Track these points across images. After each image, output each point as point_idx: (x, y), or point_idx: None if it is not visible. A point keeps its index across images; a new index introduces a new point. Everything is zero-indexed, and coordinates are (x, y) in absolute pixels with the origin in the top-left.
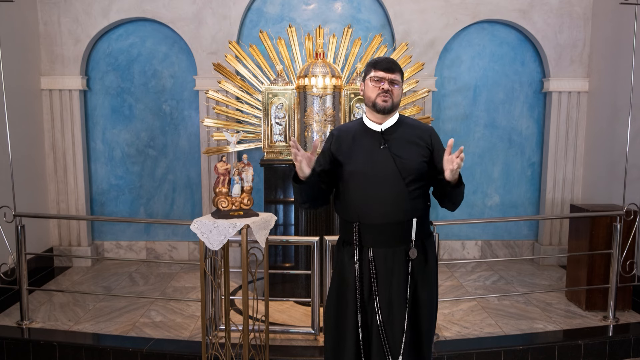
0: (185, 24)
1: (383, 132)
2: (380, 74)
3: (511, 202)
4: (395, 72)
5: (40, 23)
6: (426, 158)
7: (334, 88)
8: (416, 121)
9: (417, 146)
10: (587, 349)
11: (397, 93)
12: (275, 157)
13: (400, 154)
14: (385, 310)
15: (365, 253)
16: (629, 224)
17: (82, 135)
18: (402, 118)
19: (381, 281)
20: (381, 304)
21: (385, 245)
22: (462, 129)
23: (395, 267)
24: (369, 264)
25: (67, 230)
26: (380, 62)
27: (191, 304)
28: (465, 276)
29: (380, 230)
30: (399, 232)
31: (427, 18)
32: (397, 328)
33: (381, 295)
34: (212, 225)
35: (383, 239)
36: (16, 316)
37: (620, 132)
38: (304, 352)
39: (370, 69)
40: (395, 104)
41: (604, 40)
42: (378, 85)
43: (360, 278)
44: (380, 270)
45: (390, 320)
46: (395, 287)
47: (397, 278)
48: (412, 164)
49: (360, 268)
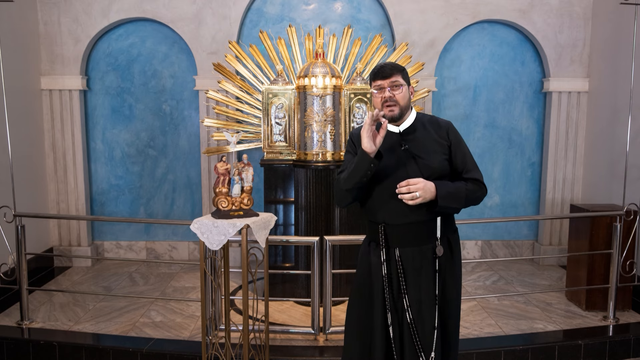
0: (185, 24)
1: (402, 133)
2: (379, 82)
3: (511, 202)
4: (394, 75)
5: (40, 23)
6: (447, 155)
7: (334, 88)
8: (434, 117)
9: (437, 144)
10: (587, 349)
11: (402, 96)
12: (275, 157)
13: (420, 154)
14: (415, 308)
15: (392, 253)
16: (629, 224)
17: (82, 135)
18: (419, 116)
19: (410, 280)
20: (410, 302)
21: (412, 244)
22: (462, 129)
23: (423, 266)
24: (396, 263)
25: (67, 230)
26: (377, 71)
27: (191, 304)
28: (465, 276)
29: (406, 230)
30: (425, 231)
31: (427, 18)
32: (428, 325)
33: (410, 293)
34: (212, 225)
35: (409, 239)
36: (16, 316)
37: (620, 132)
38: (304, 352)
39: (371, 80)
40: (403, 107)
41: (604, 40)
42: (381, 95)
43: (389, 277)
44: (408, 269)
45: (420, 318)
46: (424, 285)
47: (425, 276)
48: (434, 163)
49: (388, 268)
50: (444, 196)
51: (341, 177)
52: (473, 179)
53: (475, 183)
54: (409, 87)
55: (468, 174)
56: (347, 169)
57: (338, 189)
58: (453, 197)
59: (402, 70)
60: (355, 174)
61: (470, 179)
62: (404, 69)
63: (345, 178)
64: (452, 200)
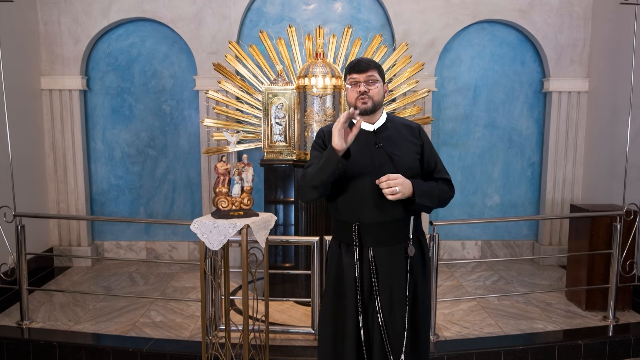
0: (185, 24)
1: (375, 132)
2: (354, 76)
3: (511, 202)
4: (370, 69)
5: (40, 23)
6: (419, 155)
7: (334, 88)
8: (403, 119)
9: (410, 143)
10: (587, 349)
11: (376, 92)
12: (275, 157)
13: (395, 152)
14: (386, 310)
15: (366, 253)
16: (629, 224)
17: (82, 135)
18: (390, 116)
19: (382, 281)
20: (382, 303)
21: (386, 244)
22: (462, 129)
23: (396, 266)
24: (369, 264)
25: (67, 230)
26: (354, 65)
27: (191, 304)
28: (465, 276)
29: (380, 230)
30: (398, 231)
31: (427, 18)
32: (399, 327)
33: (382, 295)
34: (212, 225)
35: (383, 238)
36: (16, 316)
37: (620, 132)
38: (304, 352)
39: (346, 74)
40: (376, 103)
41: (604, 40)
42: (356, 89)
43: (361, 279)
44: (381, 270)
45: (391, 320)
46: (395, 285)
47: (397, 277)
48: (408, 162)
49: (361, 269)
50: (420, 193)
51: (307, 172)
52: (444, 179)
53: (446, 183)
54: (384, 85)
55: (438, 174)
56: (314, 164)
57: (303, 184)
58: (428, 195)
59: (378, 66)
60: (322, 171)
61: (441, 179)
62: (380, 65)
63: (312, 174)
64: (427, 198)
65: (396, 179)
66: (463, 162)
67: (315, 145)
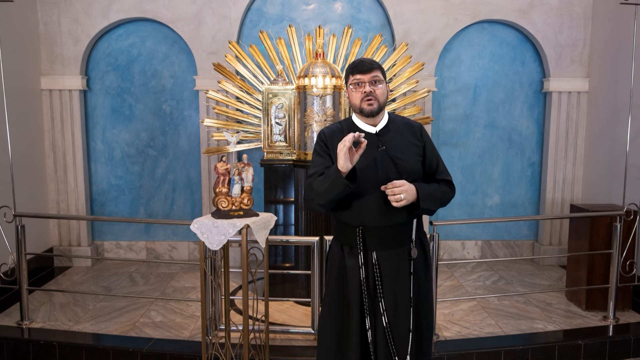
0: (185, 24)
1: (378, 134)
2: (358, 77)
3: (511, 202)
4: (374, 70)
5: (40, 23)
6: (421, 157)
7: (334, 88)
8: (405, 118)
9: (413, 145)
10: (587, 349)
11: (381, 92)
12: (275, 157)
13: (398, 155)
14: (391, 312)
15: (370, 256)
16: (629, 224)
17: (82, 135)
18: (392, 117)
19: (386, 283)
20: (387, 305)
21: (389, 247)
22: (462, 129)
23: (400, 268)
24: (373, 267)
25: (67, 230)
26: (357, 65)
27: (191, 304)
28: (465, 276)
29: (383, 233)
30: (401, 234)
31: (427, 18)
32: (403, 328)
33: (386, 297)
34: (212, 225)
35: (387, 242)
36: (16, 316)
37: (620, 132)
38: (304, 352)
39: (349, 75)
40: (381, 103)
41: (604, 40)
42: (360, 90)
43: (366, 281)
44: (384, 273)
45: (395, 322)
46: (399, 288)
47: (401, 279)
48: (411, 165)
49: (366, 272)
50: (424, 198)
51: (313, 188)
52: (445, 180)
53: (447, 185)
54: (386, 85)
55: (440, 175)
56: (321, 181)
57: (310, 199)
58: (432, 198)
59: (380, 67)
60: (329, 191)
61: (443, 180)
62: (382, 66)
63: (318, 193)
64: (431, 201)
65: (401, 186)
66: (463, 162)
67: (318, 149)
